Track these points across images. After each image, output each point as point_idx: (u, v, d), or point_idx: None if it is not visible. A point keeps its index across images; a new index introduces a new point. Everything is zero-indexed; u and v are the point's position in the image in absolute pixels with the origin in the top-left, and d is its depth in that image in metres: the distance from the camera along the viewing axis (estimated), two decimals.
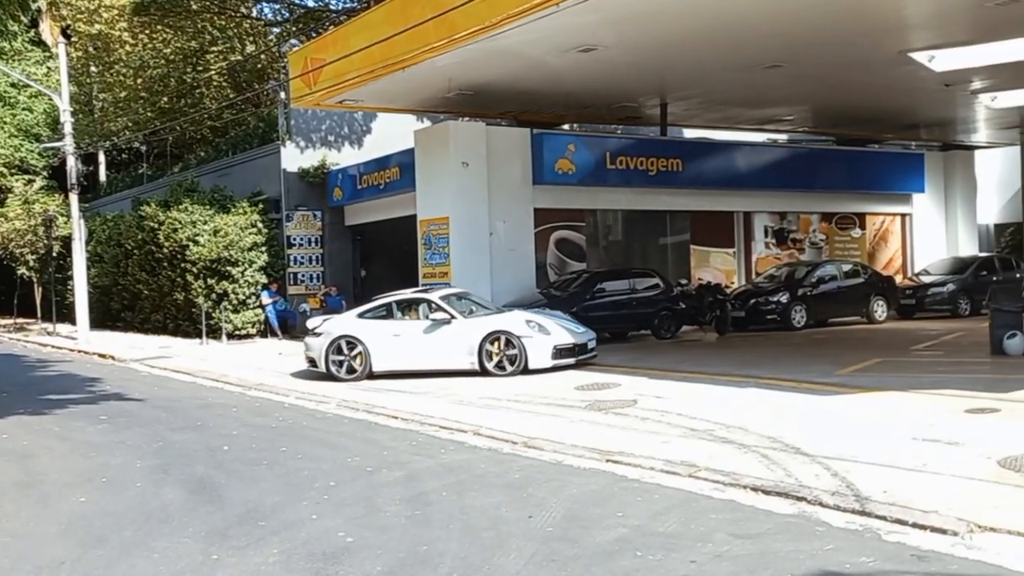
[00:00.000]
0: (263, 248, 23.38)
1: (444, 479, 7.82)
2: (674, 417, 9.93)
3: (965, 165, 28.72)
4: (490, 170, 19.73)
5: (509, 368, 14.26)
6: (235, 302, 22.94)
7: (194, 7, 29.90)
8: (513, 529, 6.25)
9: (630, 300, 19.64)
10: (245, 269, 23.01)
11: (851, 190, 25.92)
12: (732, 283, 24.16)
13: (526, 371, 14.18)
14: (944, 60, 17.51)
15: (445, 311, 14.90)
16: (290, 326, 23.67)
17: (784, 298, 21.11)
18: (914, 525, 5.88)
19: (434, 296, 15.45)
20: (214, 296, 22.79)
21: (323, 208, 24.83)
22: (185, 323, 24.09)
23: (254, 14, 33.81)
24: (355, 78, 17.46)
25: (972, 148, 29.48)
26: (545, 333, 14.55)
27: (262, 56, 33.10)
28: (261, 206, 24.15)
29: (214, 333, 22.73)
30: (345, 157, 25.10)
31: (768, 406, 10.34)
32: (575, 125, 23.85)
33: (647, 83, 20.00)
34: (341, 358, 14.79)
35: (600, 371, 14.13)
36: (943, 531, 5.72)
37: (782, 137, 28.25)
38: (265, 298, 23.18)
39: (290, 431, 10.67)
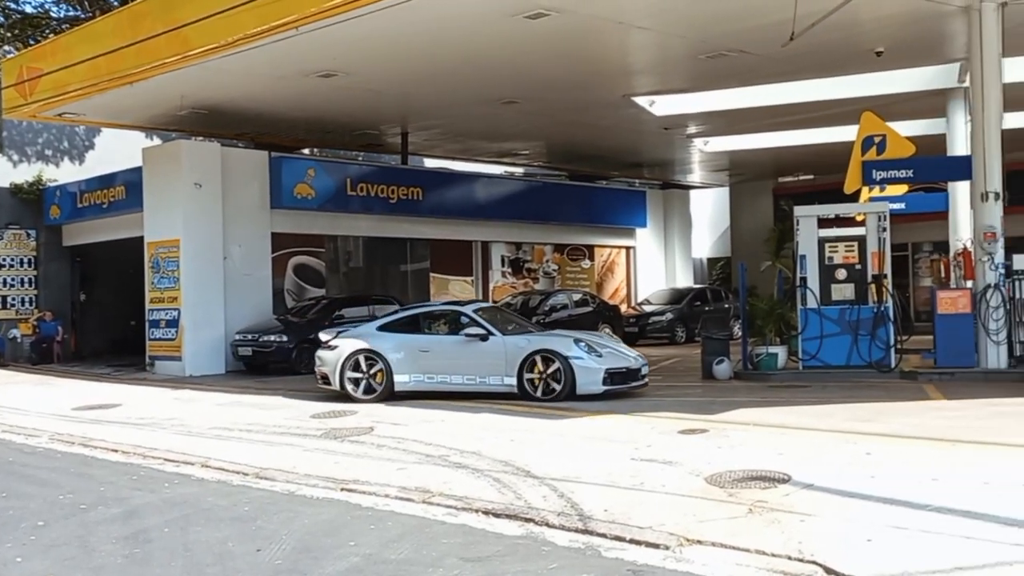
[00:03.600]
0: None
1: (167, 514, 7.43)
2: (411, 443, 9.97)
3: (682, 203, 31.03)
4: (225, 192, 19.12)
5: (553, 392, 12.78)
6: None
7: None
8: (240, 564, 6.03)
9: None
10: None
11: (581, 223, 27.28)
12: None
13: (572, 396, 12.64)
14: (663, 106, 18.89)
15: (481, 326, 13.48)
16: None
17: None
18: (631, 541, 6.21)
19: (468, 309, 14.13)
20: None
21: (38, 227, 23.08)
22: None
23: None
24: (77, 90, 16.44)
25: (688, 187, 31.93)
26: (596, 355, 12.97)
27: None
28: None
29: None
30: (65, 173, 23.48)
31: (502, 430, 10.61)
32: (315, 150, 23.59)
33: (388, 112, 20.18)
34: (358, 375, 13.53)
35: (337, 399, 13.96)
36: (656, 546, 6.08)
37: (519, 170, 29.32)
38: None
39: None
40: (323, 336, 14.61)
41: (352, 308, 19.61)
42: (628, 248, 29.35)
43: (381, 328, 14.19)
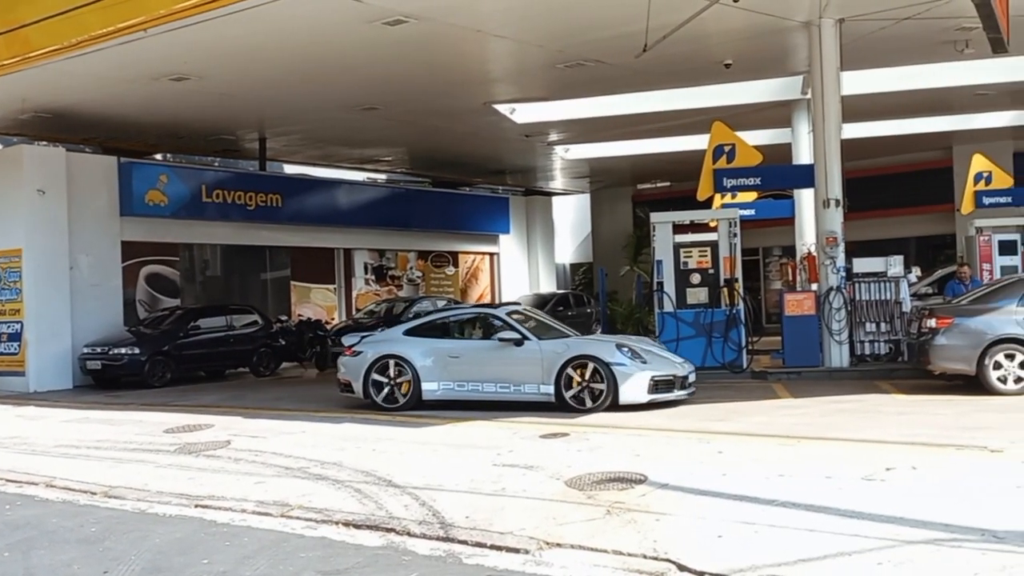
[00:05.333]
0: None
1: (8, 538, 7.05)
2: (269, 456, 9.76)
3: (544, 210, 31.45)
4: (71, 199, 18.32)
5: (594, 402, 11.79)
6: None
7: None
8: None
9: (227, 337, 19.13)
10: None
11: (445, 230, 27.32)
12: (333, 319, 24.38)
13: (615, 406, 11.68)
14: (524, 113, 19.11)
15: (515, 330, 12.56)
16: None
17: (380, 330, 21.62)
18: (492, 547, 6.25)
19: (501, 312, 13.27)
20: None
21: None
22: None
23: None
24: None
25: (550, 194, 32.37)
26: (641, 362, 11.99)
27: None
28: None
29: None
30: None
31: (364, 440, 10.50)
32: (169, 155, 22.87)
33: (245, 117, 19.74)
34: (384, 382, 12.74)
35: (193, 412, 13.55)
36: (516, 550, 6.13)
37: (381, 177, 29.14)
38: None
39: None
40: (346, 341, 13.88)
41: (209, 318, 19.16)
42: (492, 254, 29.55)
43: (408, 332, 13.43)
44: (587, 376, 11.90)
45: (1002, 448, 8.18)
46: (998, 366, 11.71)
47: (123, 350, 17.58)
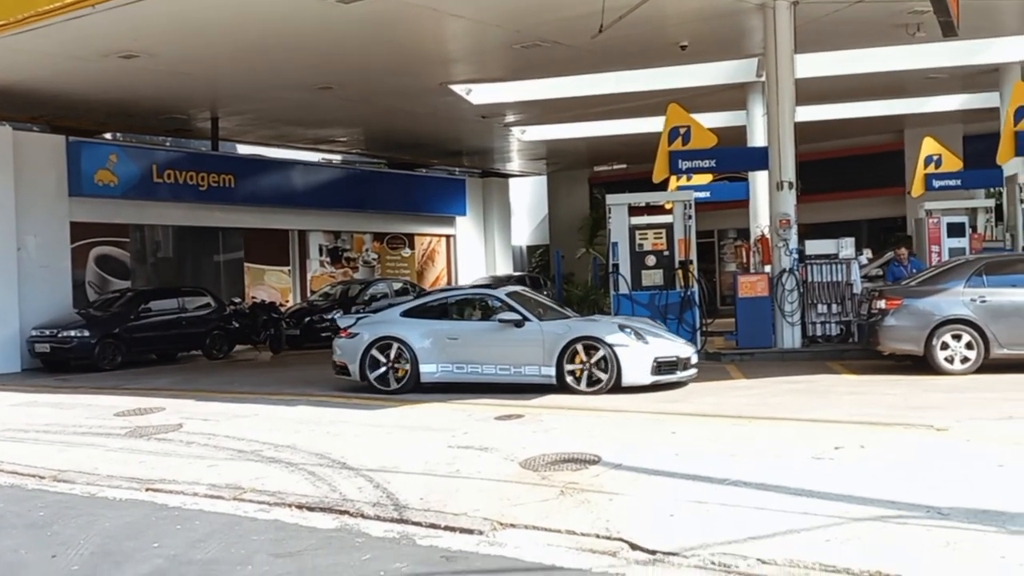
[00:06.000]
0: None
1: None
2: (222, 439, 9.67)
3: (501, 191, 31.38)
4: (18, 179, 17.95)
5: (598, 383, 11.57)
6: None
7: None
8: (32, 572, 5.70)
9: (179, 320, 18.92)
10: None
11: (401, 211, 27.19)
12: (287, 301, 24.20)
13: (618, 388, 11.49)
14: (480, 94, 19.03)
15: (516, 311, 12.27)
16: None
17: (338, 315, 21.49)
18: (446, 528, 6.25)
19: (501, 292, 13.03)
20: None
21: None
22: None
23: None
24: None
25: (507, 176, 32.32)
26: (643, 342, 11.75)
27: None
28: None
29: None
30: None
31: (319, 423, 10.45)
32: (119, 134, 22.49)
33: (197, 95, 19.46)
34: (380, 365, 12.44)
35: (144, 395, 13.39)
36: (471, 531, 6.14)
37: (336, 157, 28.91)
38: None
39: None
40: (341, 322, 13.55)
41: (160, 300, 18.96)
42: (448, 236, 29.46)
43: (405, 314, 13.08)
44: (589, 357, 11.71)
45: (947, 427, 8.34)
46: (945, 346, 11.92)
47: (72, 333, 17.31)
